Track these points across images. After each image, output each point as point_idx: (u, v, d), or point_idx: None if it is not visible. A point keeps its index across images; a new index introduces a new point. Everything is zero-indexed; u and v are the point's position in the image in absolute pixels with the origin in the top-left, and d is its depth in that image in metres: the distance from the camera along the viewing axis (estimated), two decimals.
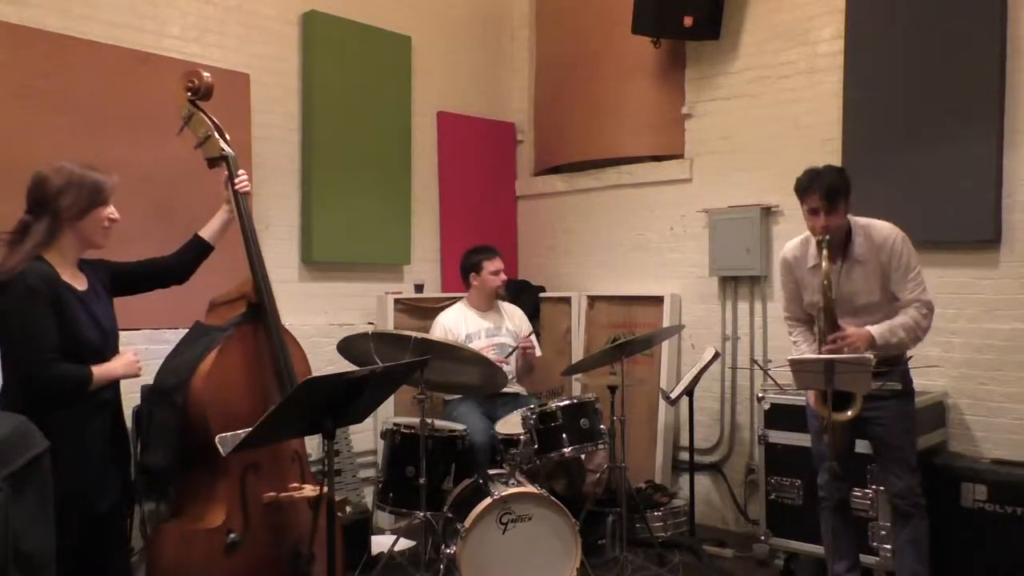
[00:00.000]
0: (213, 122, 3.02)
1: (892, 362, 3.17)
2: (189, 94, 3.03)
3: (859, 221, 3.26)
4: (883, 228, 3.22)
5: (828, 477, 3.26)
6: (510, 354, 4.34)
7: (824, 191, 3.10)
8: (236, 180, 2.98)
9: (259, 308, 2.94)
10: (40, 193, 2.50)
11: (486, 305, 4.51)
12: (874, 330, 3.12)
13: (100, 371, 2.56)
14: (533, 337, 4.60)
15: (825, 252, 3.12)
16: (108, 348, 2.66)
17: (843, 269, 3.23)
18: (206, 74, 3.00)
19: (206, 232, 3.02)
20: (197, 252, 3.00)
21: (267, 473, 2.87)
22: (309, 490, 2.88)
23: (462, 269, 4.56)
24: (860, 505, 3.60)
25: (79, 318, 2.53)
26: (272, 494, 2.83)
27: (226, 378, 2.83)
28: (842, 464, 3.14)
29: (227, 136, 3.04)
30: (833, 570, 3.19)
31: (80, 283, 2.60)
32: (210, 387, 2.77)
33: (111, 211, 2.60)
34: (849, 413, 3.05)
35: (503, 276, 4.49)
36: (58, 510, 2.25)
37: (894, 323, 3.15)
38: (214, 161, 3.02)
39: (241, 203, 2.99)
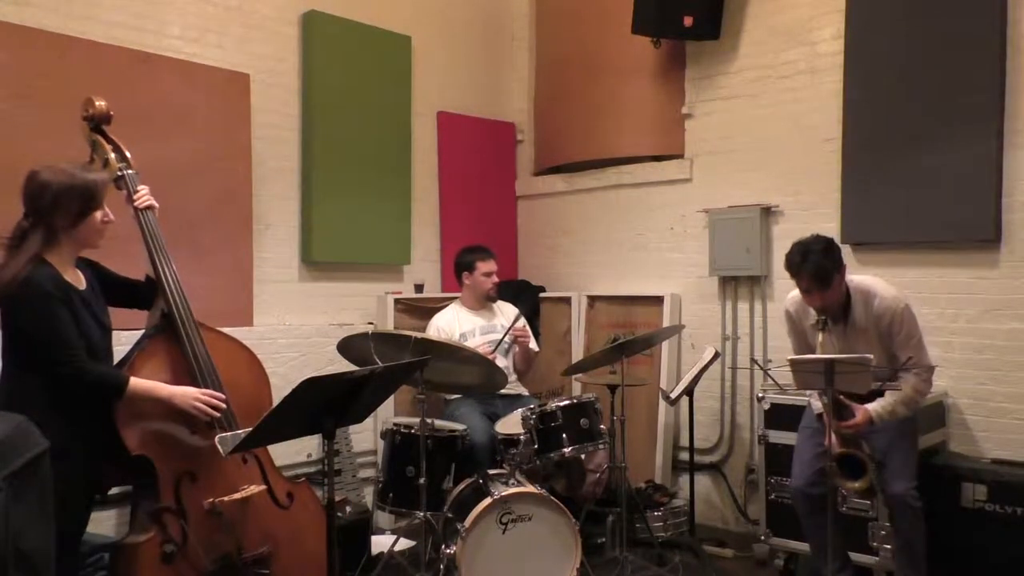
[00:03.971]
0: (113, 146, 2.98)
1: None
2: (86, 123, 2.99)
3: (858, 286, 3.24)
4: (883, 299, 3.19)
5: (812, 478, 3.27)
6: (498, 345, 4.28)
7: (813, 276, 3.08)
8: (134, 197, 2.92)
9: (170, 318, 2.84)
10: (36, 203, 2.56)
11: (479, 304, 4.50)
12: (874, 413, 3.12)
13: (145, 385, 2.66)
14: (525, 324, 4.56)
15: (820, 338, 3.12)
16: (108, 346, 2.75)
17: (845, 333, 3.23)
18: (99, 101, 2.96)
19: (151, 270, 2.94)
20: (153, 291, 2.93)
21: (209, 479, 2.80)
22: (251, 489, 2.82)
23: (455, 267, 4.55)
24: (860, 505, 3.59)
25: (84, 319, 2.62)
26: (210, 500, 2.76)
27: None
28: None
29: (128, 155, 2.98)
30: (827, 570, 3.18)
31: (79, 282, 2.67)
32: (123, 404, 2.66)
33: (105, 213, 2.66)
34: (857, 484, 3.06)
35: (495, 279, 4.47)
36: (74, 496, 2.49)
37: (896, 400, 3.15)
38: (116, 182, 2.95)
39: (143, 219, 2.91)
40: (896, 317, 3.16)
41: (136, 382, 2.64)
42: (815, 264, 3.07)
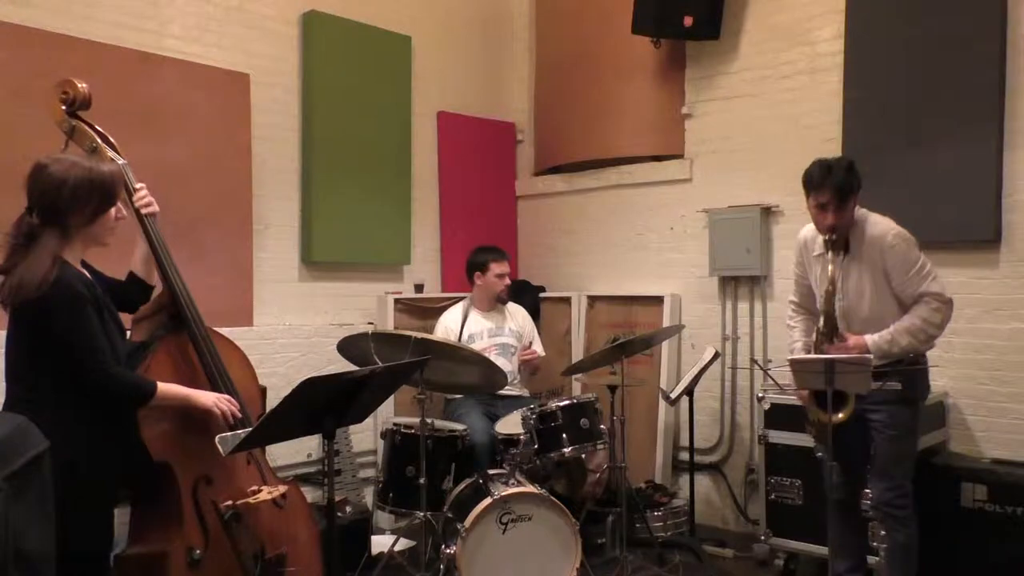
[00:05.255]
0: (98, 132, 2.78)
1: (894, 363, 3.14)
2: (64, 107, 2.76)
3: (856, 215, 3.21)
4: (877, 225, 3.15)
5: (830, 477, 3.24)
6: (513, 354, 4.32)
7: (836, 189, 3.06)
8: (133, 194, 2.74)
9: (179, 318, 2.77)
10: (49, 200, 2.39)
11: (489, 305, 4.51)
12: (870, 339, 3.07)
13: (166, 389, 2.55)
14: (535, 343, 4.59)
15: (830, 255, 3.09)
16: (125, 349, 2.64)
17: (844, 263, 3.19)
18: (81, 84, 2.76)
19: (136, 267, 2.82)
20: (138, 289, 2.82)
21: (222, 483, 2.76)
22: (267, 492, 2.77)
23: (468, 266, 4.55)
24: (862, 506, 3.58)
25: (107, 322, 2.51)
26: (229, 503, 2.70)
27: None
28: (855, 465, 3.11)
29: (115, 144, 2.79)
30: (833, 569, 3.17)
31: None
32: (147, 410, 2.61)
33: (118, 209, 2.54)
34: (840, 415, 2.98)
35: (507, 280, 4.50)
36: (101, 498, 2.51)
37: (897, 328, 3.08)
38: None
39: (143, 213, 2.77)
40: (888, 241, 3.09)
41: (162, 386, 2.55)
42: (839, 179, 3.06)
